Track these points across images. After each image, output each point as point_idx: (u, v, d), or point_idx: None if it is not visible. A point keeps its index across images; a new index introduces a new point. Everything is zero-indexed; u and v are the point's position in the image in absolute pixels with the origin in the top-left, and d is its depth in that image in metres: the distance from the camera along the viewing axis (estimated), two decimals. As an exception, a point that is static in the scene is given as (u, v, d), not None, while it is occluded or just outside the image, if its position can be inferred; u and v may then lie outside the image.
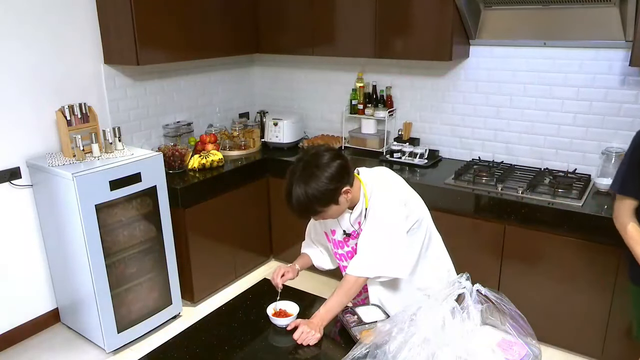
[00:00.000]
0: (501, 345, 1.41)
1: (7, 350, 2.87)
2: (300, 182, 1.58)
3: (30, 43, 2.75)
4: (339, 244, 1.85)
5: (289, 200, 1.61)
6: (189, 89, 3.70)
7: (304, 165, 1.61)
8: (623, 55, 2.72)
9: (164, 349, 1.63)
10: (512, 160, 3.20)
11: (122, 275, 2.80)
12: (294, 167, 1.63)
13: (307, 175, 1.58)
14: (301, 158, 1.65)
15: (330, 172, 1.59)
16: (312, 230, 2.00)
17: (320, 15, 3.36)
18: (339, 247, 1.85)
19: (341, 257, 1.87)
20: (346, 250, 1.83)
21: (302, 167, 1.61)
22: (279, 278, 1.85)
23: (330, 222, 1.82)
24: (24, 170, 2.82)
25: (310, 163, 1.61)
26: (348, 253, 1.83)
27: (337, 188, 1.61)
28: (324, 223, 1.86)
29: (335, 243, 1.86)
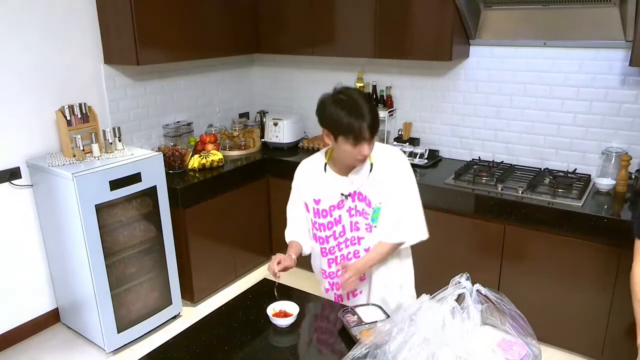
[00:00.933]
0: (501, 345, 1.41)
1: (7, 350, 2.87)
2: (368, 102, 1.67)
3: (31, 43, 2.75)
4: (322, 213, 1.83)
5: (363, 115, 1.62)
6: (189, 89, 3.70)
7: (359, 92, 1.71)
8: (623, 55, 2.72)
9: (164, 349, 1.63)
10: (512, 160, 3.20)
11: (122, 275, 2.80)
12: (347, 93, 1.68)
13: (368, 98, 1.72)
14: (345, 89, 1.70)
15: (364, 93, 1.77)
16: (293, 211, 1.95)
17: (320, 15, 3.36)
18: (321, 215, 1.84)
19: (320, 227, 1.85)
20: (337, 215, 1.82)
21: (359, 93, 1.70)
22: (275, 265, 1.79)
23: (314, 189, 1.84)
24: (24, 170, 2.82)
25: (349, 90, 1.70)
26: (338, 218, 1.82)
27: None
28: (307, 192, 1.86)
29: (317, 212, 1.84)
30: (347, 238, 1.86)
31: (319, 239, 1.89)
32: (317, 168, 1.87)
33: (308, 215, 1.89)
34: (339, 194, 1.81)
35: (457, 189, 2.86)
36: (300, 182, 1.91)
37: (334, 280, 1.93)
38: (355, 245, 1.86)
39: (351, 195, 1.80)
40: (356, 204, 1.81)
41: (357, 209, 1.82)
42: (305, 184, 1.88)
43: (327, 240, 1.88)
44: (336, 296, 1.97)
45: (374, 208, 1.80)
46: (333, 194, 1.82)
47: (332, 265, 1.91)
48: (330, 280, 1.95)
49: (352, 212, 1.82)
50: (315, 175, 1.86)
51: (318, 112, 1.72)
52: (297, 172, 1.93)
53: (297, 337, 1.67)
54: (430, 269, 2.14)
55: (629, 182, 2.73)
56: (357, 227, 1.84)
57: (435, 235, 2.92)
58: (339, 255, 1.89)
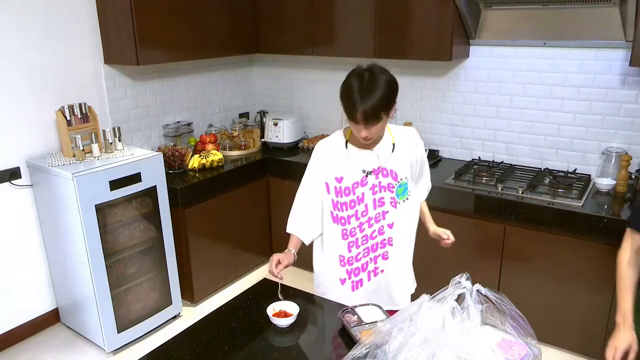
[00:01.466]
0: (501, 345, 1.41)
1: (7, 350, 2.87)
2: (370, 85, 1.66)
3: (31, 43, 2.75)
4: (344, 191, 1.82)
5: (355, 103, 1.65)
6: (189, 89, 3.70)
7: (369, 72, 1.68)
8: (623, 55, 2.72)
9: (164, 349, 1.63)
10: (512, 160, 3.20)
11: (122, 275, 2.80)
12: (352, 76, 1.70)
13: (374, 80, 1.66)
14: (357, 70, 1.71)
15: (391, 77, 1.72)
16: (306, 197, 1.92)
17: (320, 15, 3.36)
18: (343, 193, 1.82)
19: (343, 207, 1.84)
20: (360, 193, 1.82)
21: (369, 74, 1.68)
22: (274, 266, 1.81)
23: (336, 168, 1.83)
24: (24, 170, 2.82)
25: (374, 70, 1.69)
26: (361, 196, 1.82)
27: (395, 94, 1.72)
28: (328, 171, 1.85)
29: (339, 191, 1.83)
30: (370, 217, 1.84)
31: (340, 219, 1.86)
32: (338, 146, 1.86)
33: (328, 196, 1.86)
34: (360, 171, 1.81)
35: (457, 189, 2.86)
36: (321, 161, 1.87)
37: (353, 267, 1.90)
38: (379, 222, 1.85)
39: (374, 172, 1.81)
40: (380, 180, 1.82)
41: (381, 185, 1.82)
42: (326, 163, 1.86)
43: (348, 221, 1.85)
44: (354, 284, 1.92)
45: (399, 182, 1.84)
46: (356, 170, 1.82)
47: (352, 249, 1.88)
48: (349, 267, 1.90)
49: (375, 190, 1.83)
50: (336, 153, 1.85)
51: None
52: (316, 152, 1.90)
53: (297, 337, 1.67)
54: (430, 269, 2.14)
55: (629, 182, 2.73)
56: (382, 202, 1.84)
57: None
58: (360, 237, 1.86)
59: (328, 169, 1.85)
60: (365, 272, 1.92)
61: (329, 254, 1.94)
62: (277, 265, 1.83)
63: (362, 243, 1.88)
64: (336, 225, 1.88)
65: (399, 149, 1.85)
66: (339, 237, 1.88)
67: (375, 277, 1.93)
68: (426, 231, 2.04)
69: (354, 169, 1.82)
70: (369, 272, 1.92)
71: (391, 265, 1.93)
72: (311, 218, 1.92)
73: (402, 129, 1.95)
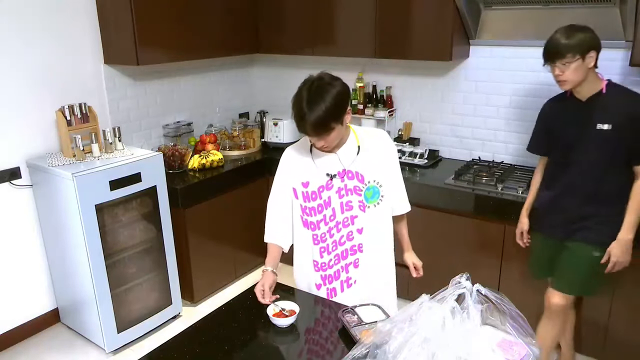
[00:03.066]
0: (501, 345, 1.41)
1: (7, 350, 2.87)
2: (316, 97, 1.67)
3: (31, 43, 2.75)
4: (311, 195, 1.82)
5: (303, 116, 1.67)
6: (189, 89, 3.70)
7: (316, 83, 1.71)
8: (623, 55, 2.71)
9: (164, 349, 1.63)
10: (512, 160, 3.20)
11: (122, 275, 2.80)
12: (303, 87, 1.72)
13: (321, 91, 1.68)
14: (307, 81, 1.75)
15: (340, 86, 1.73)
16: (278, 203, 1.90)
17: (320, 15, 3.36)
18: (310, 198, 1.82)
19: (311, 211, 1.83)
20: (326, 197, 1.81)
21: (315, 85, 1.70)
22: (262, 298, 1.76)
23: (302, 173, 1.83)
24: (24, 170, 2.82)
25: (322, 80, 1.73)
26: (328, 200, 1.81)
27: (345, 102, 1.72)
28: (294, 177, 1.84)
29: (306, 196, 1.83)
30: (338, 221, 1.83)
31: (310, 224, 1.86)
32: (302, 151, 1.87)
33: (297, 202, 1.86)
34: (324, 174, 1.81)
35: (457, 189, 2.86)
36: (287, 168, 1.88)
37: (327, 273, 1.89)
38: (348, 226, 1.83)
39: (339, 175, 1.81)
40: (346, 183, 1.81)
41: (347, 188, 1.81)
42: (292, 169, 1.87)
43: (318, 226, 1.85)
44: (329, 291, 1.91)
45: (367, 185, 1.82)
46: (320, 174, 1.82)
47: (324, 254, 1.87)
48: (323, 273, 1.89)
49: (341, 193, 1.82)
50: (302, 158, 1.86)
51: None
52: (282, 159, 1.91)
53: (297, 337, 1.67)
54: (430, 269, 2.14)
55: (629, 182, 2.72)
56: (349, 205, 1.82)
57: (435, 235, 2.94)
58: (330, 243, 1.85)
59: (294, 175, 1.85)
60: (338, 281, 1.89)
61: (303, 258, 1.94)
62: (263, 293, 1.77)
63: (333, 249, 1.86)
64: (306, 230, 1.87)
65: (365, 151, 1.83)
66: (310, 242, 1.88)
67: (348, 288, 1.89)
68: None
69: (319, 173, 1.82)
70: (342, 282, 1.89)
71: (364, 276, 1.89)
72: (286, 225, 1.92)
73: (370, 131, 1.94)
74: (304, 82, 1.73)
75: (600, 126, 2.09)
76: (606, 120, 2.08)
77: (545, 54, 2.09)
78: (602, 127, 2.09)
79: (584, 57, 2.01)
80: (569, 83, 2.08)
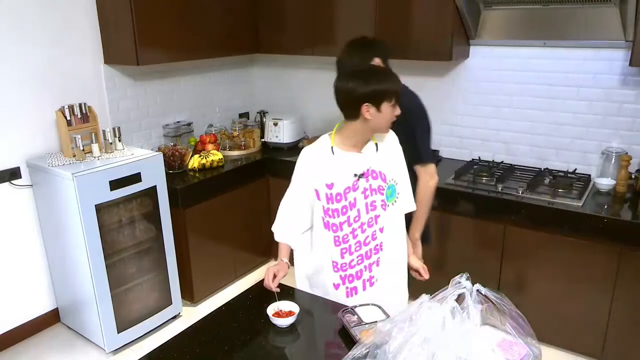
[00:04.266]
0: (501, 345, 1.41)
1: (7, 350, 2.87)
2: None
3: (31, 43, 2.75)
4: (335, 197, 1.79)
5: (393, 75, 1.84)
6: (189, 89, 3.70)
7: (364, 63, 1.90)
8: (623, 55, 2.72)
9: (164, 349, 1.63)
10: (512, 160, 3.20)
11: (122, 275, 2.80)
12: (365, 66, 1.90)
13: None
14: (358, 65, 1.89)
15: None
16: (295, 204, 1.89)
17: (320, 15, 3.36)
18: (335, 200, 1.79)
19: (334, 213, 1.80)
20: (352, 198, 1.78)
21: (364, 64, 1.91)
22: (271, 281, 1.80)
23: (325, 174, 1.80)
24: (24, 170, 2.82)
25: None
26: (353, 201, 1.79)
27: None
28: (316, 177, 1.81)
29: (330, 197, 1.80)
30: (362, 222, 1.82)
31: (332, 226, 1.82)
32: (324, 152, 1.83)
33: (318, 203, 1.82)
34: (352, 175, 1.79)
35: (457, 189, 2.86)
36: (308, 168, 1.84)
37: (347, 273, 1.86)
38: (372, 226, 1.83)
39: (365, 175, 1.79)
40: (371, 182, 1.80)
41: (372, 188, 1.80)
42: (314, 169, 1.82)
43: (340, 227, 1.82)
44: (348, 290, 1.89)
45: (388, 184, 1.82)
46: (346, 175, 1.79)
47: (345, 255, 1.84)
48: (342, 273, 1.87)
49: (367, 193, 1.80)
50: (324, 158, 1.82)
51: (353, 93, 1.73)
52: (302, 159, 1.87)
53: (297, 337, 1.67)
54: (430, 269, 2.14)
55: (629, 182, 2.73)
56: (373, 205, 1.82)
57: (435, 235, 2.94)
58: (353, 244, 1.83)
59: (317, 176, 1.81)
60: (359, 281, 1.88)
61: (321, 258, 1.90)
62: (274, 279, 1.80)
63: (356, 249, 1.85)
64: (327, 231, 1.84)
65: (382, 150, 1.84)
66: (331, 244, 1.85)
67: (370, 287, 1.90)
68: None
69: (345, 174, 1.79)
70: (364, 280, 1.89)
71: (384, 274, 1.90)
72: (298, 226, 1.91)
73: None
74: (357, 67, 1.91)
75: None
76: None
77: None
78: None
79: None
80: None
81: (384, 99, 1.71)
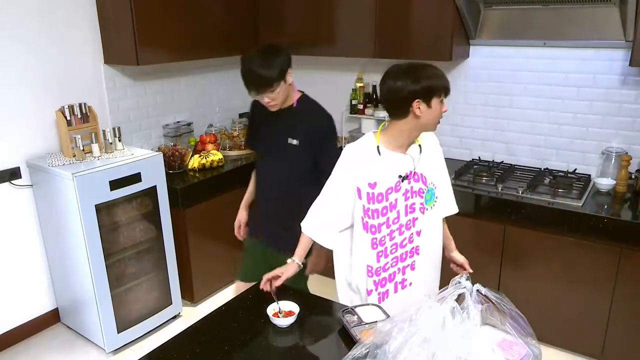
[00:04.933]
0: (501, 345, 1.41)
1: (7, 350, 2.87)
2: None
3: (31, 43, 2.75)
4: (377, 197, 1.75)
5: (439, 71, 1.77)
6: (189, 89, 3.70)
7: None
8: (623, 55, 2.72)
9: (164, 349, 1.63)
10: (512, 160, 3.20)
11: (122, 275, 2.80)
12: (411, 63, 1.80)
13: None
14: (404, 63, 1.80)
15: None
16: (335, 200, 1.81)
17: (320, 15, 3.36)
18: (376, 200, 1.75)
19: (374, 214, 1.76)
20: (393, 199, 1.76)
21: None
22: (267, 286, 1.79)
23: (369, 173, 1.75)
24: (24, 170, 2.82)
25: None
26: (394, 202, 1.77)
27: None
28: (359, 176, 1.75)
29: (371, 197, 1.75)
30: (401, 224, 1.80)
31: (371, 228, 1.78)
32: (369, 151, 1.77)
33: (359, 202, 1.77)
34: (396, 176, 1.77)
35: (457, 189, 2.84)
36: (352, 166, 1.77)
37: (380, 277, 1.83)
38: (410, 229, 1.82)
39: (408, 177, 1.78)
40: (412, 185, 1.79)
41: (412, 190, 1.79)
42: (357, 167, 1.76)
43: (379, 229, 1.78)
44: (380, 295, 1.85)
45: (428, 187, 1.82)
46: (390, 175, 1.76)
47: (380, 258, 1.81)
48: (376, 278, 1.83)
49: (407, 195, 1.79)
50: (368, 157, 1.76)
51: (403, 90, 1.69)
52: (346, 156, 1.79)
53: (297, 337, 1.67)
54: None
55: (629, 182, 2.73)
56: (412, 208, 1.81)
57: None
58: (389, 246, 1.81)
59: (360, 174, 1.76)
60: (392, 283, 1.86)
61: (357, 263, 1.86)
62: (276, 279, 1.79)
63: (391, 252, 1.82)
64: (366, 233, 1.79)
65: (425, 152, 1.82)
66: (368, 247, 1.80)
67: (402, 289, 1.87)
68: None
69: (389, 174, 1.76)
70: (396, 283, 1.86)
71: (418, 278, 1.88)
72: (333, 223, 1.84)
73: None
74: (409, 65, 1.79)
75: (290, 141, 2.12)
76: (295, 136, 2.11)
77: (250, 86, 2.07)
78: (292, 142, 2.11)
79: (285, 79, 2.04)
80: (279, 104, 2.09)
81: (434, 95, 1.69)
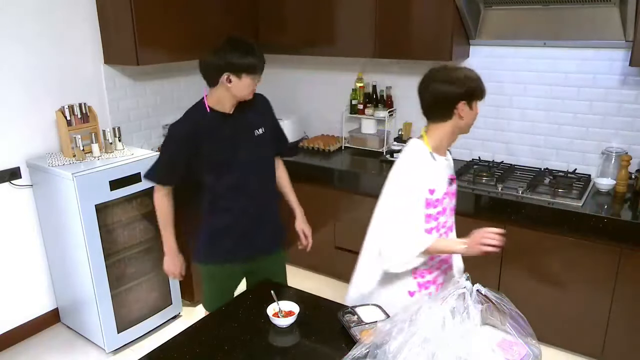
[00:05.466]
0: (501, 345, 1.41)
1: (7, 350, 2.87)
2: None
3: (31, 43, 2.75)
4: (434, 202, 1.75)
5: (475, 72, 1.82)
6: (189, 89, 3.70)
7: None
8: (623, 55, 2.72)
9: (164, 349, 1.63)
10: (512, 160, 3.20)
11: (122, 275, 2.80)
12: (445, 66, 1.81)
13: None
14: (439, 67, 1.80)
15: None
16: (415, 211, 1.75)
17: (320, 15, 3.36)
18: (432, 205, 1.75)
19: (429, 219, 1.76)
20: (445, 203, 1.80)
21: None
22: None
23: (428, 179, 1.73)
24: (24, 170, 2.82)
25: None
26: (445, 207, 1.81)
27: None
28: (423, 183, 1.73)
29: (430, 203, 1.74)
30: (448, 227, 1.86)
31: (426, 232, 1.79)
32: (425, 158, 1.75)
33: (422, 210, 1.76)
34: (447, 180, 1.81)
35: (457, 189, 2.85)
36: (418, 177, 1.75)
37: (425, 279, 1.82)
38: (452, 231, 1.91)
39: (453, 180, 1.85)
40: (454, 187, 1.85)
41: (452, 192, 1.85)
42: (422, 177, 1.74)
43: (430, 233, 1.79)
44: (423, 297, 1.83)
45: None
46: (444, 180, 1.80)
47: (428, 261, 1.82)
48: (421, 280, 1.81)
49: (451, 197, 1.85)
50: (426, 165, 1.75)
51: (451, 94, 1.70)
52: (410, 163, 1.76)
53: (297, 337, 1.67)
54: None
55: (629, 182, 2.73)
56: (452, 210, 1.88)
57: (435, 235, 2.93)
58: None
59: (424, 183, 1.74)
60: (434, 286, 1.86)
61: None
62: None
63: (438, 254, 1.83)
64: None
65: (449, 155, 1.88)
66: None
67: (436, 292, 1.85)
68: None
69: (443, 179, 1.79)
70: (438, 285, 1.86)
71: (450, 277, 1.91)
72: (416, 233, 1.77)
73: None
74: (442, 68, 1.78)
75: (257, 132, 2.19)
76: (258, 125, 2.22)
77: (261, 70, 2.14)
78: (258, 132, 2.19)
79: None
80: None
81: (476, 97, 1.75)
